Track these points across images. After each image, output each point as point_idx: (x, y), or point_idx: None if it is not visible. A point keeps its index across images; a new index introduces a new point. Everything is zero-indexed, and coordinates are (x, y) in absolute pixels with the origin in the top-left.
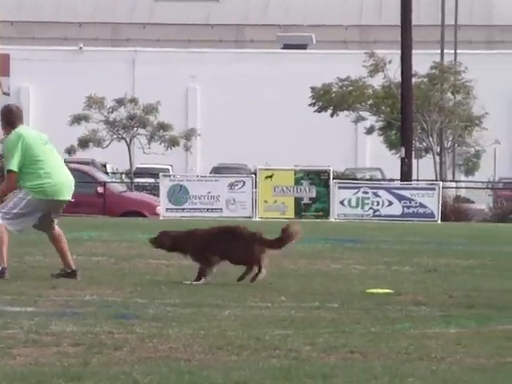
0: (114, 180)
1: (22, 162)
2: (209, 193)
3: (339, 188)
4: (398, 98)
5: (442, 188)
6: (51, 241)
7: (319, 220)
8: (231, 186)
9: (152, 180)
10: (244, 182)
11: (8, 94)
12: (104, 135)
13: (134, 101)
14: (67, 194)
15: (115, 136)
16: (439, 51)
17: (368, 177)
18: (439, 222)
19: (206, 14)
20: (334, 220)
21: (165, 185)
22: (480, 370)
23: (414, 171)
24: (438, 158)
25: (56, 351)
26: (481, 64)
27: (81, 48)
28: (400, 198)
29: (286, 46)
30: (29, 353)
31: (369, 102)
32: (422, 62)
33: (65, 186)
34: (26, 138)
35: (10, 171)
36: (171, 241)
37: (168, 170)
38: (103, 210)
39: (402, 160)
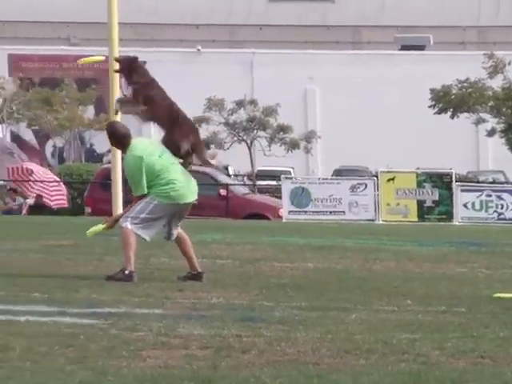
0: (236, 182)
1: (146, 181)
2: (331, 195)
3: (462, 191)
4: None
5: None
6: (177, 243)
7: (443, 223)
8: (353, 188)
9: (274, 182)
10: (366, 185)
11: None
12: (225, 137)
13: (253, 103)
14: (191, 197)
15: (236, 138)
16: None
17: (491, 179)
18: None
19: (322, 15)
20: (457, 223)
21: (287, 187)
22: None
23: None
24: None
25: (185, 354)
26: None
27: (199, 50)
28: None
29: (404, 47)
30: (158, 355)
31: (489, 104)
32: None
33: (188, 189)
34: (144, 160)
35: (140, 196)
36: None
37: (290, 172)
38: (226, 212)
39: None
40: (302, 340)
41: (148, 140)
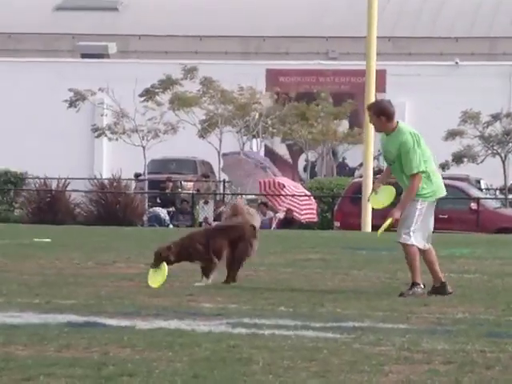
0: (487, 196)
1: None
2: None
3: None
4: None
5: None
6: (422, 252)
7: None
8: None
9: None
10: None
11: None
12: (479, 150)
13: (510, 115)
14: (443, 191)
15: (490, 151)
16: None
17: None
18: None
19: None
20: None
21: None
22: None
23: None
24: None
25: (427, 369)
26: None
27: (457, 63)
28: None
29: None
30: (400, 370)
31: None
32: None
33: (441, 182)
34: (421, 138)
35: (417, 173)
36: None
37: None
38: (477, 226)
39: None
40: None
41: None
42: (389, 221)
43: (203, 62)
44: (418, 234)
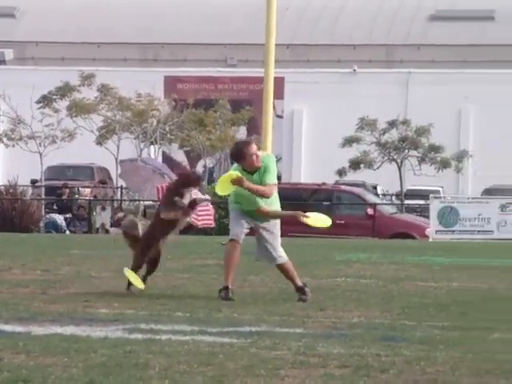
0: (384, 202)
1: None
2: (479, 215)
3: None
4: None
5: None
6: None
7: None
8: (502, 207)
9: (422, 202)
10: None
11: (281, 117)
12: (375, 157)
13: (406, 123)
14: None
15: (386, 158)
16: None
17: None
18: None
19: (481, 34)
20: None
21: (435, 207)
22: None
23: None
24: None
25: (323, 373)
26: None
27: (354, 70)
28: None
29: None
30: (296, 374)
31: None
32: None
33: None
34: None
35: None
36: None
37: (439, 191)
38: (373, 231)
39: None
40: (442, 359)
41: None
42: (234, 174)
43: (101, 68)
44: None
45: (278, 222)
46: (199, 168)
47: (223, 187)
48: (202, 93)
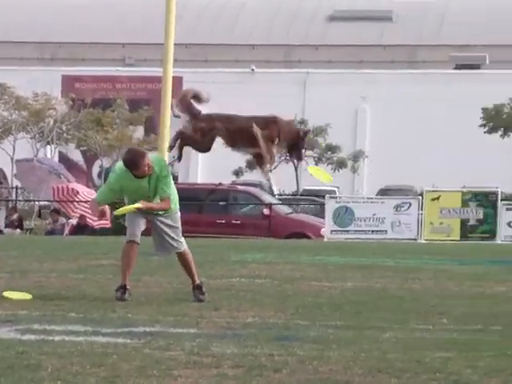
0: (280, 202)
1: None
2: (374, 215)
3: (507, 210)
4: None
5: None
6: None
7: (485, 242)
8: (397, 207)
9: (318, 202)
10: (410, 204)
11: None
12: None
13: (303, 122)
14: None
15: (283, 158)
16: None
17: None
18: None
19: (379, 35)
20: (500, 242)
21: (330, 206)
22: None
23: None
24: None
25: (216, 373)
26: None
27: (253, 70)
28: None
29: (459, 67)
30: (189, 374)
31: None
32: None
33: None
34: None
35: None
36: None
37: (334, 191)
38: (269, 231)
39: None
40: (335, 359)
41: None
42: (135, 206)
43: None
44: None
45: (177, 215)
46: (96, 168)
47: (123, 212)
48: (100, 92)
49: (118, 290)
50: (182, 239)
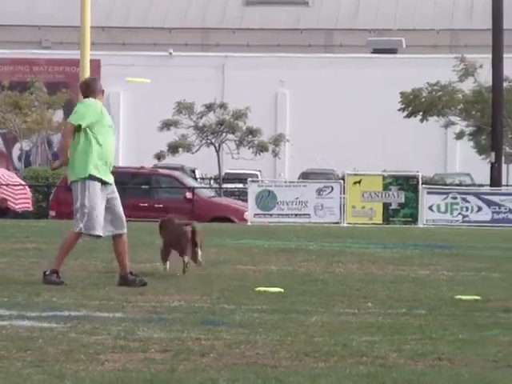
0: (202, 185)
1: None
2: (297, 198)
3: (428, 193)
4: (488, 102)
5: None
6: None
7: (407, 226)
8: (319, 191)
9: (240, 185)
10: (332, 188)
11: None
12: (193, 140)
13: (223, 106)
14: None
15: (204, 141)
16: None
17: (457, 182)
18: None
19: (296, 19)
20: (422, 226)
21: (253, 190)
22: None
23: (503, 177)
24: None
25: (143, 357)
26: None
27: (170, 53)
28: (489, 203)
29: (376, 51)
30: (117, 358)
31: (459, 107)
32: None
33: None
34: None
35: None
36: None
37: (257, 175)
38: (192, 215)
39: (492, 165)
40: (262, 343)
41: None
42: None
43: None
44: None
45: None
46: (16, 151)
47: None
48: (18, 75)
49: (51, 274)
50: (79, 218)
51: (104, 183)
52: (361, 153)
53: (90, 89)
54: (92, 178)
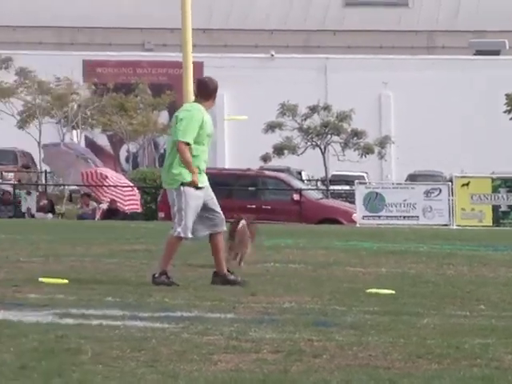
0: (309, 187)
1: None
2: (405, 200)
3: None
4: None
5: None
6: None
7: None
8: (427, 193)
9: (347, 187)
10: (440, 190)
11: None
12: (298, 142)
13: (327, 108)
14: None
15: (309, 143)
16: None
17: None
18: None
19: (397, 20)
20: None
21: (360, 192)
22: None
23: None
24: None
25: (256, 358)
26: None
27: (272, 55)
28: None
29: (479, 52)
30: (229, 359)
31: None
32: None
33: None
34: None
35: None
36: None
37: (363, 177)
38: (299, 217)
39: None
40: (374, 344)
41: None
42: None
43: (18, 52)
44: None
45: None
46: (123, 152)
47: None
48: (122, 77)
49: (160, 276)
50: (176, 222)
51: (198, 188)
52: (467, 155)
53: (206, 91)
54: (187, 184)
